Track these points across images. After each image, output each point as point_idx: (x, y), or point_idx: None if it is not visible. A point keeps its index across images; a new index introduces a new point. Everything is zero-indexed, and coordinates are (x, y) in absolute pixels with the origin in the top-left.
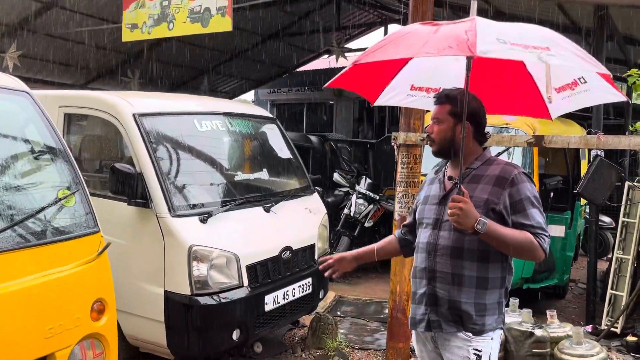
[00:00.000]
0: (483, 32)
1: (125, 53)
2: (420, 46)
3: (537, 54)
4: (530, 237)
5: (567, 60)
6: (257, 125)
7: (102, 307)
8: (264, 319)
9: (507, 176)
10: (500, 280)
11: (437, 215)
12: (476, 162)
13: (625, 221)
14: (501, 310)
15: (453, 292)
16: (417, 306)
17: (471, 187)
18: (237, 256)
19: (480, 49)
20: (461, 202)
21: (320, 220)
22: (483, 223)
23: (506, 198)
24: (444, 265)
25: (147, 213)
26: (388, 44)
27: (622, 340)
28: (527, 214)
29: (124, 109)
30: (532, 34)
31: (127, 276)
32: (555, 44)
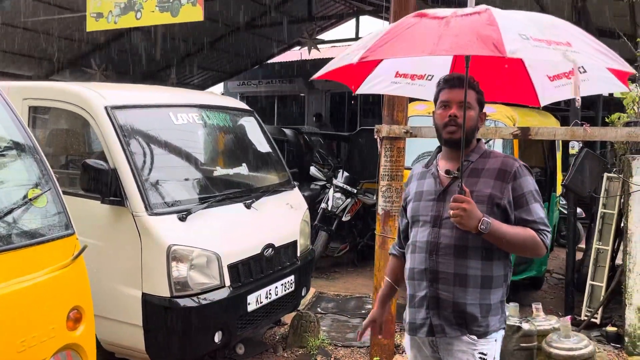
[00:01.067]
0: (504, 28)
1: (89, 43)
2: (434, 42)
3: (562, 52)
4: (533, 234)
5: (591, 57)
6: (235, 118)
7: (79, 315)
8: (246, 320)
9: (509, 169)
10: (504, 278)
11: (436, 212)
12: (473, 154)
13: (603, 212)
14: (503, 309)
15: (457, 294)
16: (417, 310)
17: (471, 181)
18: (218, 255)
19: (509, 49)
20: (464, 202)
21: (301, 216)
22: (487, 223)
23: (510, 192)
24: (447, 266)
25: (122, 211)
26: (394, 39)
27: (601, 330)
28: (530, 209)
29: (95, 101)
30: (548, 25)
31: (101, 279)
32: (573, 37)
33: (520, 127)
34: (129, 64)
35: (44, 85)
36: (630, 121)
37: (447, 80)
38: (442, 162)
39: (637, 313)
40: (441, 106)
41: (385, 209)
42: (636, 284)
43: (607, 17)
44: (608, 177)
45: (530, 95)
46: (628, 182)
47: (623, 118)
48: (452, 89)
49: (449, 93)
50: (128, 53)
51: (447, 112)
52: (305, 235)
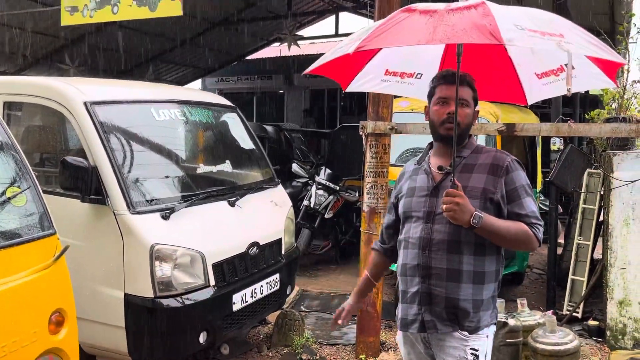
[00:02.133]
0: (500, 19)
1: (64, 38)
2: (430, 32)
3: (555, 42)
4: (525, 228)
5: (583, 48)
6: (218, 115)
7: (61, 318)
8: (232, 319)
9: (501, 164)
10: (495, 274)
11: (429, 208)
12: (465, 150)
13: (583, 207)
14: (495, 305)
15: (450, 289)
16: (409, 306)
17: (464, 176)
18: (203, 254)
19: (505, 37)
20: (457, 196)
21: (286, 213)
22: (479, 217)
23: (502, 186)
24: (440, 261)
25: (103, 210)
26: (390, 30)
27: (583, 324)
28: (522, 203)
29: (73, 96)
30: (541, 18)
31: (82, 279)
32: (566, 29)
33: (505, 124)
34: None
35: (20, 80)
36: (611, 117)
37: (445, 76)
38: (434, 158)
39: (618, 307)
40: (438, 102)
41: (370, 205)
42: (617, 278)
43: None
44: (589, 172)
45: (518, 93)
46: (609, 178)
47: (602, 114)
48: (450, 85)
49: (446, 89)
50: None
51: (445, 108)
52: (289, 233)
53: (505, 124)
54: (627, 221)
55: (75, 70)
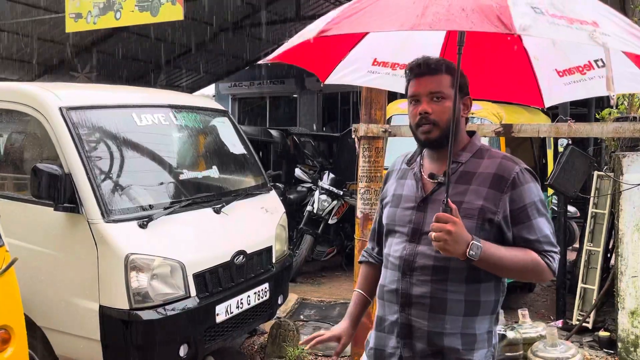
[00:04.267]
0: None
1: (75, 46)
2: (418, 14)
3: (587, 32)
4: (536, 258)
5: (624, 42)
6: (207, 119)
7: (7, 336)
8: (215, 331)
9: (506, 175)
10: (493, 304)
11: (415, 225)
12: (464, 153)
13: (594, 212)
14: (491, 342)
15: (434, 322)
16: (387, 336)
17: (460, 189)
18: (182, 264)
19: (519, 24)
20: (449, 222)
21: (277, 220)
22: (477, 248)
23: (507, 204)
24: (423, 289)
25: (77, 219)
26: (367, 8)
27: (594, 335)
28: (532, 226)
29: (48, 101)
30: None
31: (56, 290)
32: (600, 16)
33: (503, 124)
34: (117, 66)
35: None
36: (621, 116)
37: (412, 68)
38: (427, 160)
39: (630, 317)
40: (411, 102)
41: (364, 211)
42: (628, 287)
43: None
44: (599, 175)
45: (534, 93)
46: (619, 181)
47: (614, 114)
48: (419, 78)
49: (416, 84)
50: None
51: (418, 108)
52: (281, 241)
53: (502, 124)
54: (639, 226)
55: (84, 78)
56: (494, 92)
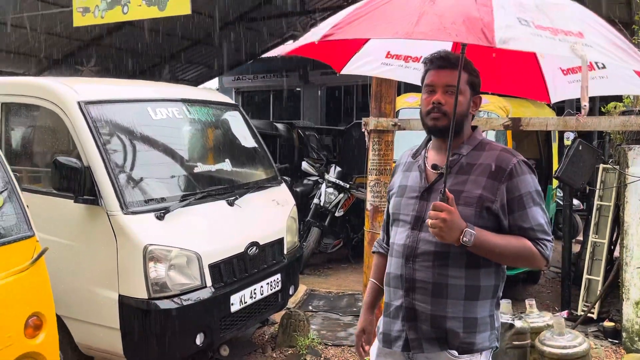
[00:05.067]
0: (501, 9)
1: (80, 39)
2: (414, 23)
3: (570, 44)
4: (529, 246)
5: (607, 55)
6: (218, 113)
7: (39, 322)
8: (230, 321)
9: (504, 166)
10: (493, 289)
11: (418, 213)
12: (465, 146)
13: (599, 204)
14: (494, 325)
15: (436, 306)
16: (392, 321)
17: (460, 179)
18: (199, 255)
19: (499, 37)
20: (444, 211)
21: (288, 213)
22: (470, 234)
23: (504, 193)
24: (425, 274)
25: (96, 211)
26: (367, 15)
27: (598, 325)
28: (527, 215)
29: (67, 96)
30: (556, 9)
31: (76, 280)
32: (587, 26)
33: (511, 118)
34: (121, 60)
35: (16, 81)
36: (627, 110)
37: (432, 60)
38: (431, 153)
39: (634, 308)
40: (426, 91)
41: (373, 204)
42: (633, 277)
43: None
44: (604, 168)
45: (540, 89)
46: (624, 173)
47: (619, 107)
48: (439, 70)
49: (434, 75)
50: (120, 49)
51: (432, 97)
52: (292, 232)
53: (511, 118)
54: None
55: (89, 72)
56: (505, 86)
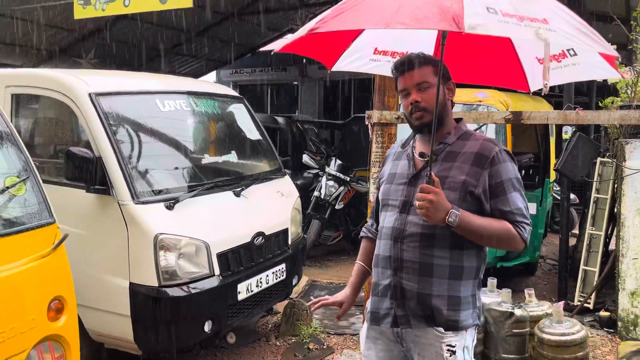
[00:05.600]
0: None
1: (79, 32)
2: (393, 13)
3: (534, 29)
4: (509, 227)
5: (568, 38)
6: (224, 105)
7: (61, 305)
8: (237, 309)
9: (487, 154)
10: (476, 270)
11: (406, 197)
12: (450, 136)
13: (596, 197)
14: (476, 305)
15: (422, 284)
16: (381, 299)
17: (446, 166)
18: (207, 244)
19: (468, 23)
20: (431, 193)
21: (292, 204)
22: (455, 215)
23: (486, 179)
24: (412, 254)
25: (107, 200)
26: (350, 9)
27: (594, 315)
28: (507, 199)
29: (78, 88)
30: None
31: (87, 268)
32: (553, 13)
33: (512, 112)
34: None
35: (27, 73)
36: (624, 104)
37: (397, 67)
38: (419, 143)
39: (630, 298)
40: (402, 95)
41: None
42: (629, 268)
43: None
44: (601, 161)
45: (520, 79)
46: (621, 166)
47: (617, 102)
48: (404, 74)
49: (403, 79)
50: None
51: (408, 99)
52: (296, 223)
53: (512, 112)
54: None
55: (88, 64)
56: (486, 77)
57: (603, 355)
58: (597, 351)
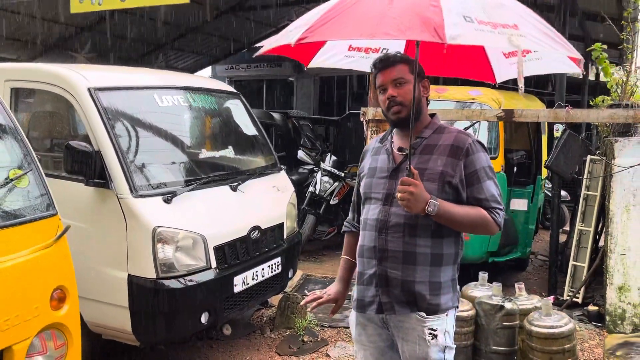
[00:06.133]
0: (448, 9)
1: (74, 26)
2: (376, 24)
3: (507, 35)
4: (484, 213)
5: (538, 43)
6: (221, 101)
7: (63, 295)
8: (233, 301)
9: (462, 145)
10: (454, 256)
11: (388, 190)
12: (426, 130)
13: (586, 194)
14: (455, 288)
15: (406, 272)
16: (366, 287)
17: (424, 158)
18: (204, 237)
19: (449, 34)
20: (411, 185)
21: (288, 199)
22: (434, 205)
23: (462, 169)
24: (396, 244)
25: (106, 194)
26: (336, 18)
27: (583, 309)
28: (482, 187)
29: (78, 82)
30: (495, 5)
31: (86, 261)
32: (522, 19)
33: (504, 110)
34: (115, 47)
35: (27, 67)
36: (614, 103)
37: (375, 64)
38: (397, 138)
39: (618, 293)
40: (380, 91)
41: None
42: (617, 264)
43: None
44: (592, 159)
45: (487, 71)
46: (610, 164)
47: (607, 101)
48: (382, 71)
49: (381, 76)
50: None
51: (385, 95)
52: (292, 218)
53: (504, 110)
54: (628, 207)
55: (84, 58)
56: (457, 70)
57: (591, 349)
58: (584, 344)
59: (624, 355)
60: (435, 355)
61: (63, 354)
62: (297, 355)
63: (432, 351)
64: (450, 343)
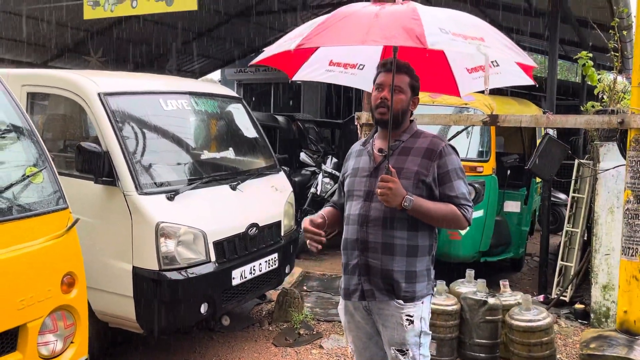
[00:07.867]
0: (426, 22)
1: (87, 31)
2: (365, 32)
3: (476, 45)
4: (454, 209)
5: (500, 52)
6: (223, 105)
7: (72, 280)
8: (231, 293)
9: (435, 148)
10: (429, 248)
11: (369, 188)
12: (405, 134)
13: (575, 196)
14: (430, 277)
15: (385, 262)
16: (350, 277)
17: (401, 159)
18: (204, 232)
19: (430, 41)
20: (390, 182)
21: (286, 198)
22: (409, 200)
23: (435, 169)
24: (376, 236)
25: (114, 191)
26: (329, 28)
27: (570, 308)
28: (453, 186)
29: (89, 88)
30: (464, 22)
31: (95, 253)
32: (486, 33)
33: (490, 115)
34: (127, 51)
35: (42, 73)
36: (600, 109)
37: (384, 64)
38: (378, 141)
39: (602, 291)
40: (376, 88)
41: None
42: (601, 263)
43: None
44: (580, 163)
45: (452, 86)
46: (594, 169)
47: (596, 106)
48: (388, 72)
49: (383, 76)
50: (126, 40)
51: (380, 94)
52: (289, 217)
53: (489, 115)
54: (612, 209)
55: (97, 62)
56: (425, 85)
57: (574, 344)
58: (568, 340)
59: (597, 347)
60: (412, 339)
61: (72, 333)
62: (293, 347)
63: (409, 335)
64: (426, 328)
